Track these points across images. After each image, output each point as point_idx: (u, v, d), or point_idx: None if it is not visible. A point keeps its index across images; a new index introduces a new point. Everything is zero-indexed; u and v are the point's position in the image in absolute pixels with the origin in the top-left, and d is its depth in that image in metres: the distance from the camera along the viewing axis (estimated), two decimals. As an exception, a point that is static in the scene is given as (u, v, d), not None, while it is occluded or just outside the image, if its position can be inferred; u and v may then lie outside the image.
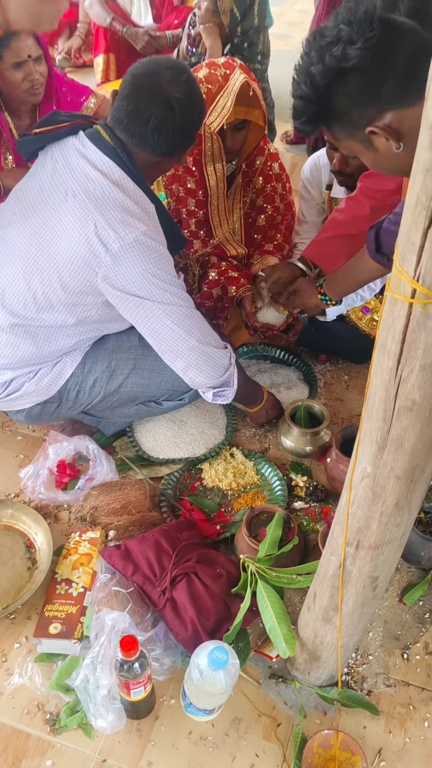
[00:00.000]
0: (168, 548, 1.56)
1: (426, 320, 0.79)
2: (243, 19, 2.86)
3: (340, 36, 1.12)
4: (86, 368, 1.76)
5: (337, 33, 1.13)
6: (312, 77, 1.18)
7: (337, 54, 1.13)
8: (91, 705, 1.36)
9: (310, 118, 1.27)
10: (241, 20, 2.86)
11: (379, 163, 1.30)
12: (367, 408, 0.96)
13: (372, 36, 1.11)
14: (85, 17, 4.21)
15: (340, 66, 1.14)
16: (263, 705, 1.45)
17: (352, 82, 1.17)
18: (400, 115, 1.17)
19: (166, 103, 1.47)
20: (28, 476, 1.84)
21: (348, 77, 1.16)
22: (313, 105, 1.23)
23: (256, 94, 1.95)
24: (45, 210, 1.56)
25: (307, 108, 1.24)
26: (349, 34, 1.11)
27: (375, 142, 1.23)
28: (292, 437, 1.96)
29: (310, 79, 1.19)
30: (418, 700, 1.47)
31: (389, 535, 1.07)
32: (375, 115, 1.19)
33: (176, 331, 1.61)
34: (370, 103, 1.18)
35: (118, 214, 1.49)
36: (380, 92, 1.16)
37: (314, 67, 1.17)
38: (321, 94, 1.20)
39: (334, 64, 1.14)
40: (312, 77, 1.18)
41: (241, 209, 2.26)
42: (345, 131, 1.26)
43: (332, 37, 1.14)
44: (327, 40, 1.14)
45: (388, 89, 1.15)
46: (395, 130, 1.18)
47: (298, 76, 1.22)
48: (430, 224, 0.72)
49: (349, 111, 1.21)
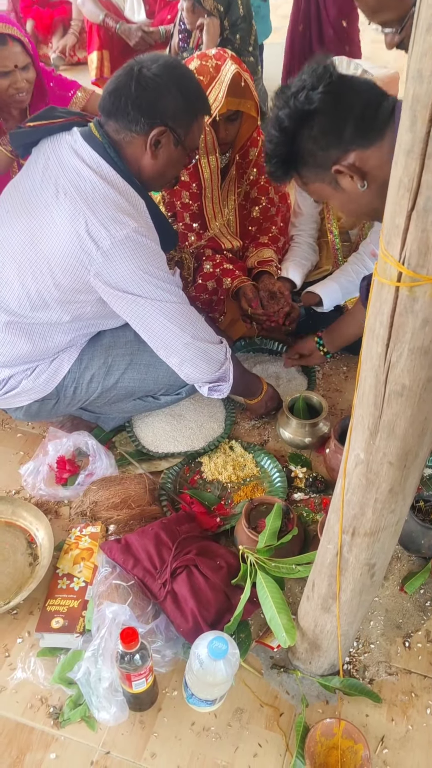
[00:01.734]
0: (168, 541, 1.57)
1: (412, 303, 0.79)
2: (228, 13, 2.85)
3: (304, 84, 1.29)
4: (83, 364, 1.76)
5: (300, 83, 1.30)
6: (280, 121, 1.33)
7: (301, 98, 1.29)
8: (94, 698, 1.37)
9: (280, 161, 1.39)
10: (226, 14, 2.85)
11: (347, 205, 1.43)
12: (358, 394, 0.96)
13: (330, 82, 1.28)
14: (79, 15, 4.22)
15: (305, 109, 1.29)
16: (265, 695, 1.45)
17: (317, 125, 1.31)
18: (363, 155, 1.31)
19: (130, 72, 1.49)
20: (28, 473, 1.84)
21: (313, 121, 1.30)
22: (283, 147, 1.36)
23: (248, 84, 1.95)
24: (37, 208, 1.56)
25: (277, 150, 1.37)
26: (311, 81, 1.28)
27: (341, 182, 1.36)
28: (290, 429, 1.96)
29: (278, 123, 1.33)
30: (420, 687, 1.47)
31: (384, 521, 1.07)
32: (339, 155, 1.32)
33: (170, 327, 1.61)
34: (334, 144, 1.32)
35: (109, 211, 1.49)
36: (342, 133, 1.30)
37: (282, 112, 1.32)
38: (290, 137, 1.34)
39: (300, 107, 1.30)
40: (280, 121, 1.33)
41: (235, 201, 2.26)
42: (313, 173, 1.39)
43: (297, 87, 1.31)
44: (292, 90, 1.31)
45: (349, 130, 1.29)
46: (359, 169, 1.32)
47: (269, 122, 1.37)
48: (413, 206, 0.71)
49: (315, 153, 1.34)
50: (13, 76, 2.07)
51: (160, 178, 1.64)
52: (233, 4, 2.85)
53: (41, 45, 4.53)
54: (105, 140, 1.53)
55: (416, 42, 0.64)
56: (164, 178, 1.65)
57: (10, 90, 2.09)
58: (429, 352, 0.83)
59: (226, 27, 2.90)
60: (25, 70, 2.09)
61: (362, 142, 1.30)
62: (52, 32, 4.50)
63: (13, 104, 2.16)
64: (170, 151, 1.57)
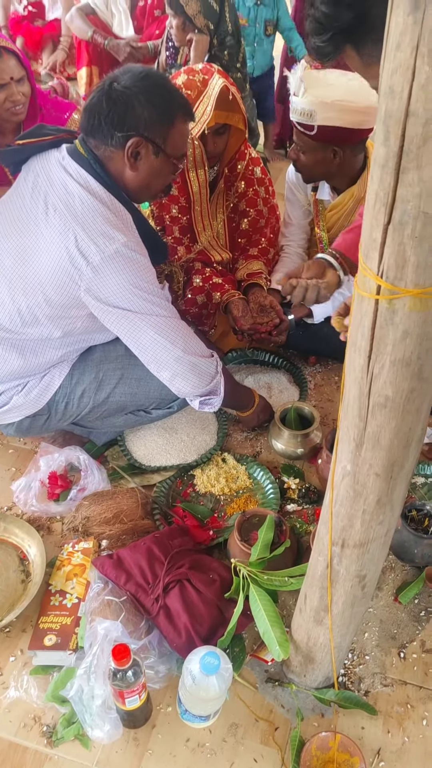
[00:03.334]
0: (160, 555, 1.56)
1: (392, 316, 0.79)
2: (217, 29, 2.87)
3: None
4: (74, 379, 1.76)
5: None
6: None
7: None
8: (87, 715, 1.36)
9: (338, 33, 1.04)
10: (216, 30, 2.87)
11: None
12: (343, 406, 0.97)
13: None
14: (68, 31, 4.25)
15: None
16: (260, 709, 1.44)
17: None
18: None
19: (102, 88, 1.50)
20: (20, 489, 1.84)
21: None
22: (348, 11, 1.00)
23: (235, 98, 1.96)
24: (27, 225, 1.57)
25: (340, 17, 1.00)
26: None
27: None
28: (282, 440, 1.96)
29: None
30: (415, 698, 1.46)
31: (373, 532, 1.07)
32: None
33: (161, 341, 1.61)
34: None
35: (98, 226, 1.49)
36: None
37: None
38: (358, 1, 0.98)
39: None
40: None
41: (224, 214, 2.27)
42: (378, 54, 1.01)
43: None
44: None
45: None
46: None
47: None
48: (389, 220, 0.72)
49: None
50: (9, 88, 2.08)
51: (146, 190, 1.64)
52: (222, 21, 2.87)
53: (31, 61, 4.56)
54: (90, 156, 1.54)
55: (387, 59, 0.65)
56: (150, 189, 1.64)
57: (7, 103, 2.11)
58: (411, 364, 0.83)
59: (214, 44, 2.92)
60: (20, 83, 2.11)
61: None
62: (42, 48, 4.53)
63: (9, 117, 2.17)
64: (151, 161, 1.56)
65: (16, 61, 2.07)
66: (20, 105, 2.14)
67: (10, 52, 2.05)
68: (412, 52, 0.63)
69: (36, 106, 2.25)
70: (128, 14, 3.86)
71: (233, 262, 2.31)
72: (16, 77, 2.07)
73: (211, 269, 2.20)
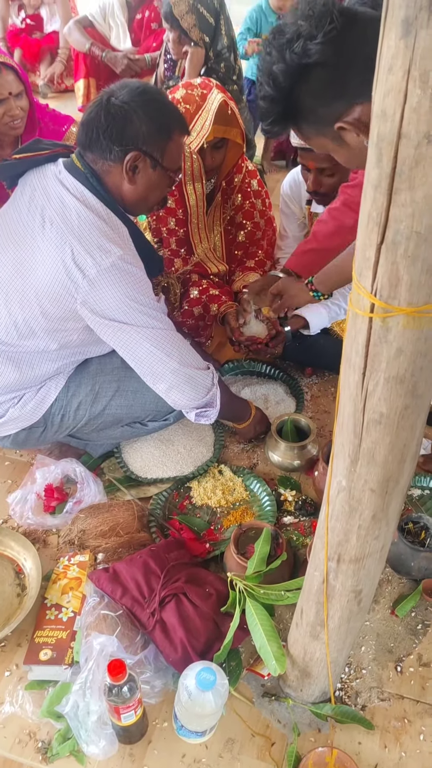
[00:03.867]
0: (156, 569, 1.56)
1: (386, 334, 0.79)
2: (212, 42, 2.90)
3: (300, 32, 1.10)
4: (70, 392, 1.76)
5: (296, 29, 1.11)
6: (275, 77, 1.16)
7: (297, 51, 1.10)
8: (82, 731, 1.35)
9: (276, 119, 1.24)
10: (212, 44, 2.90)
11: (352, 160, 1.28)
12: (338, 422, 0.97)
13: (332, 29, 1.08)
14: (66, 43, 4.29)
15: (302, 63, 1.11)
16: (257, 724, 1.44)
17: (316, 79, 1.14)
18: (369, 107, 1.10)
19: (100, 102, 1.52)
20: (15, 501, 1.83)
21: (311, 74, 1.13)
22: (278, 105, 1.20)
23: (234, 112, 1.98)
24: (23, 238, 1.57)
25: (273, 108, 1.21)
26: (309, 29, 1.09)
27: (345, 137, 1.20)
28: (279, 452, 1.96)
29: (272, 80, 1.16)
30: (413, 713, 1.46)
31: (369, 548, 1.07)
32: (343, 110, 1.15)
33: (157, 354, 1.61)
34: (336, 98, 1.15)
35: (94, 239, 1.50)
36: (346, 86, 1.12)
37: (276, 66, 1.14)
38: (285, 94, 1.17)
39: (296, 61, 1.12)
40: (275, 77, 1.16)
41: (221, 226, 2.28)
42: (314, 129, 1.23)
43: (292, 34, 1.11)
44: (287, 38, 1.12)
45: (353, 83, 1.11)
46: (365, 124, 1.14)
47: (262, 77, 1.19)
48: (383, 240, 0.72)
49: (316, 108, 1.18)
50: (8, 103, 2.10)
51: (143, 203, 1.65)
52: (218, 35, 2.89)
53: (29, 73, 4.58)
54: (87, 170, 1.55)
55: (379, 82, 0.66)
56: (148, 202, 1.66)
57: (5, 118, 2.13)
58: (405, 381, 0.83)
59: (210, 57, 2.94)
60: (19, 98, 2.13)
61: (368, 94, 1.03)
62: (40, 60, 4.56)
63: (7, 132, 2.19)
64: (149, 174, 1.58)
65: (14, 76, 2.09)
66: (18, 119, 2.16)
67: (9, 68, 2.06)
68: (403, 76, 0.63)
69: (34, 119, 2.27)
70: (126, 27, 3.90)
71: (230, 274, 2.32)
72: (14, 92, 2.09)
73: (208, 281, 2.21)
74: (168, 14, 2.91)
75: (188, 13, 2.81)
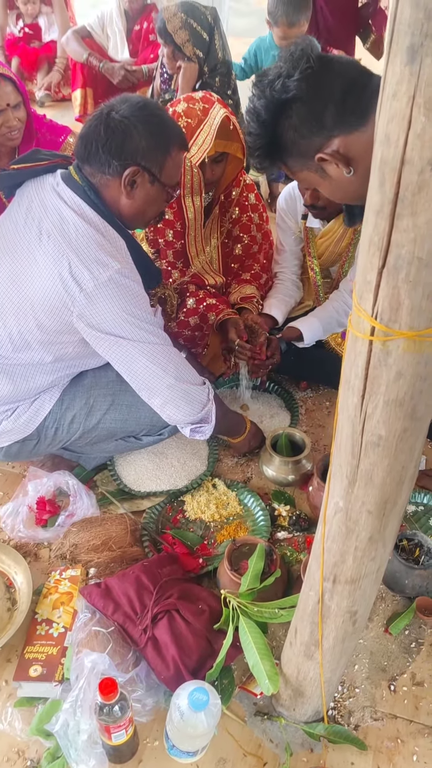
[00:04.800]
0: (149, 585, 1.54)
1: (386, 357, 0.79)
2: (207, 57, 2.90)
3: (280, 72, 1.23)
4: (64, 405, 1.75)
5: (277, 70, 1.24)
6: (258, 113, 1.28)
7: (277, 87, 1.23)
8: (72, 750, 1.33)
9: (263, 153, 1.35)
10: (206, 59, 2.90)
11: (336, 192, 1.37)
12: (336, 443, 0.96)
13: (308, 68, 1.21)
14: (63, 53, 4.29)
15: (282, 98, 1.24)
16: (249, 744, 1.42)
17: (296, 113, 1.25)
18: (346, 140, 1.24)
19: (100, 116, 1.52)
20: (7, 514, 1.81)
21: (291, 109, 1.25)
22: (263, 139, 1.31)
23: (236, 127, 2.00)
24: (20, 250, 1.56)
25: (258, 143, 1.32)
26: (288, 68, 1.22)
27: (327, 169, 1.30)
28: (273, 466, 1.96)
29: (256, 115, 1.28)
30: (406, 733, 1.45)
31: (365, 569, 1.06)
32: (322, 143, 1.26)
33: (152, 369, 1.60)
34: (315, 132, 1.25)
35: (92, 252, 1.49)
36: (323, 120, 1.24)
37: (258, 102, 1.27)
38: (269, 129, 1.29)
39: (276, 97, 1.24)
40: (258, 113, 1.28)
41: (218, 239, 2.28)
42: (298, 163, 1.33)
43: (273, 75, 1.25)
44: (269, 78, 1.25)
45: (330, 117, 1.23)
46: (343, 156, 1.25)
47: (247, 114, 1.32)
48: (384, 264, 0.72)
49: (298, 142, 1.28)
50: (6, 114, 2.10)
51: (141, 217, 1.64)
52: (212, 49, 2.90)
53: (26, 82, 4.58)
54: (84, 183, 1.55)
55: (383, 108, 0.66)
56: (145, 216, 1.66)
57: (3, 128, 2.12)
58: (404, 404, 0.83)
59: (205, 72, 2.95)
60: (16, 109, 2.12)
61: (345, 128, 1.23)
62: (37, 69, 4.56)
63: (5, 142, 2.18)
64: (147, 189, 1.58)
65: (12, 87, 2.09)
66: (16, 130, 2.15)
67: (7, 79, 2.06)
68: (408, 102, 0.63)
69: (32, 130, 2.27)
70: (124, 38, 3.91)
71: (226, 286, 2.32)
72: (12, 103, 2.09)
73: (205, 291, 2.21)
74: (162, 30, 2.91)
75: (181, 29, 2.82)
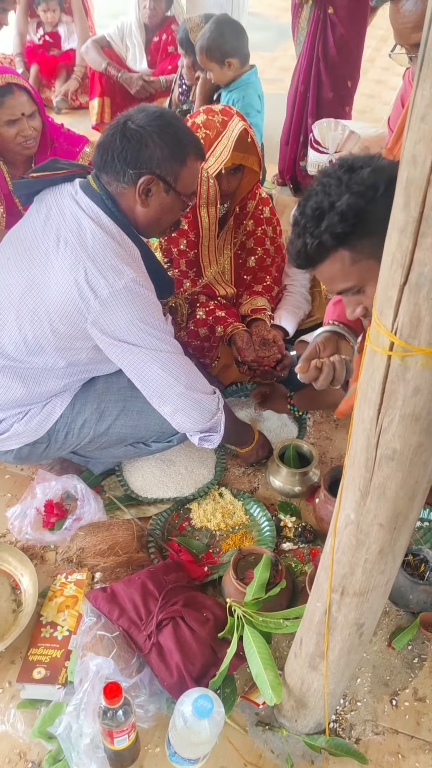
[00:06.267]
0: (155, 591, 1.55)
1: (404, 372, 0.80)
2: None
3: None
4: (75, 409, 1.76)
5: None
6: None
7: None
8: (74, 754, 1.33)
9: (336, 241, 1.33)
10: None
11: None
12: (349, 455, 0.97)
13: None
14: (82, 61, 4.34)
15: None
16: (249, 753, 1.42)
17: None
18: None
19: (116, 126, 1.54)
20: (15, 516, 1.82)
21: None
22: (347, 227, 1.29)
23: (253, 140, 2.02)
24: (37, 256, 1.59)
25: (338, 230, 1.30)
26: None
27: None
28: (280, 477, 1.96)
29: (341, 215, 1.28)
30: (407, 748, 1.45)
31: (374, 581, 1.07)
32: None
33: (164, 377, 1.62)
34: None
35: (108, 260, 1.51)
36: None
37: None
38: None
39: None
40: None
41: (231, 250, 2.30)
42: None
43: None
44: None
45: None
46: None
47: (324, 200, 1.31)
48: (406, 281, 0.74)
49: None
50: (21, 123, 2.13)
51: (156, 226, 1.66)
52: None
53: (44, 89, 4.63)
54: (102, 191, 1.57)
55: (411, 129, 0.67)
56: (160, 225, 1.67)
57: (18, 138, 2.15)
58: (420, 419, 0.84)
59: None
60: (32, 118, 2.15)
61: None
62: (56, 77, 4.61)
63: (21, 151, 2.21)
64: (162, 198, 1.59)
65: (27, 96, 2.12)
66: (31, 139, 2.18)
67: (22, 89, 2.10)
68: (435, 125, 0.65)
69: (47, 139, 2.29)
70: (143, 49, 3.96)
71: (237, 297, 2.34)
72: (27, 113, 2.12)
73: (215, 302, 2.23)
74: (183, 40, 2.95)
75: None
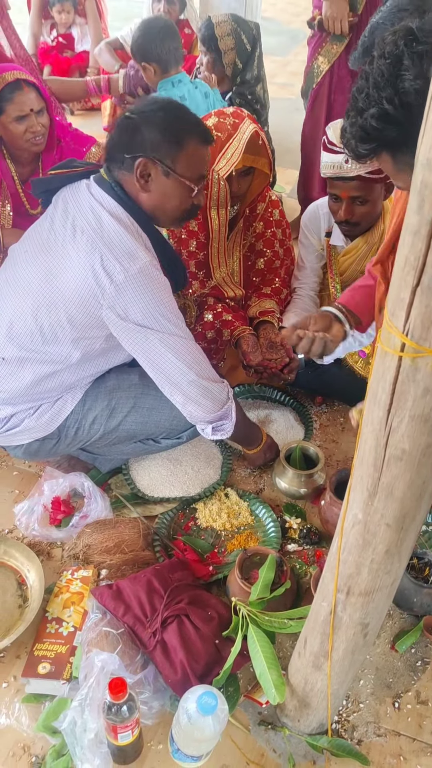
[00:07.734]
0: (160, 589, 1.56)
1: (415, 373, 0.81)
2: (244, 69, 2.96)
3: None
4: (86, 406, 1.78)
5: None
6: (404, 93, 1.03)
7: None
8: (78, 748, 1.34)
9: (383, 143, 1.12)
10: (243, 70, 2.96)
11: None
12: (358, 455, 0.98)
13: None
14: (95, 63, 4.36)
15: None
16: (252, 752, 1.43)
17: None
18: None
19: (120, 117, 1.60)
20: (22, 512, 1.84)
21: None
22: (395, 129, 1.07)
23: (264, 143, 2.04)
24: (54, 246, 1.62)
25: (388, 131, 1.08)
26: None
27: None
28: (286, 479, 1.97)
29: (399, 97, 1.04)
30: (408, 751, 1.45)
31: (380, 582, 1.08)
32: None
33: (177, 364, 1.64)
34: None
35: (123, 246, 1.54)
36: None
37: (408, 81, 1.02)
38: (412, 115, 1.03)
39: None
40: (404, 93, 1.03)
41: (240, 252, 2.31)
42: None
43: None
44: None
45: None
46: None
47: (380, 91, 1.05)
48: (418, 283, 0.75)
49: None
50: (30, 120, 2.15)
51: (162, 211, 1.66)
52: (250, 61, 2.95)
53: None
54: (115, 183, 1.61)
55: (426, 133, 0.68)
56: (167, 211, 1.66)
57: (27, 134, 2.18)
58: (429, 420, 0.85)
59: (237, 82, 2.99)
60: (40, 115, 2.18)
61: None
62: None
63: (29, 148, 2.23)
64: (162, 182, 1.59)
65: (36, 93, 2.15)
66: (40, 136, 2.21)
67: (30, 85, 2.13)
68: (451, 129, 0.66)
69: (54, 137, 2.32)
70: (155, 51, 3.96)
71: (246, 299, 2.35)
72: (36, 109, 2.15)
73: (223, 305, 2.24)
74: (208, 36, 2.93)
75: (228, 35, 2.88)
